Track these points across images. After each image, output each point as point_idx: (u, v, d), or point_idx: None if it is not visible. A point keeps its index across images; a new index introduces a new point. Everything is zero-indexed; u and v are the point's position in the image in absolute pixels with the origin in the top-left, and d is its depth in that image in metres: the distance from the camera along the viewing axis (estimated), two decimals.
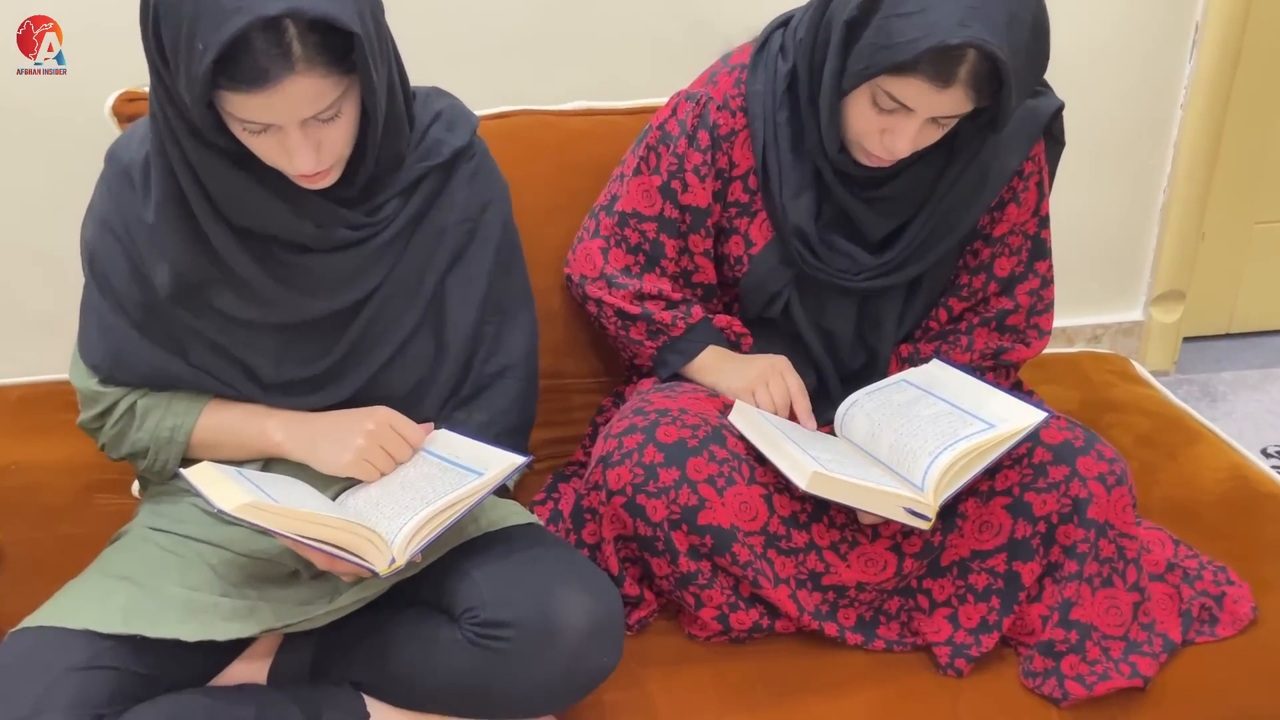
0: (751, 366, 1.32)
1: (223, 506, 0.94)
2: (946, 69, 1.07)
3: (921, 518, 1.12)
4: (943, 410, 1.18)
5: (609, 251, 1.36)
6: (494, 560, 1.08)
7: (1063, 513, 1.17)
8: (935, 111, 1.12)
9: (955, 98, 1.09)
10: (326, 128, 1.01)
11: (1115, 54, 1.96)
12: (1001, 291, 1.34)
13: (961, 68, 1.07)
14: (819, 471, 1.09)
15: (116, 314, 1.14)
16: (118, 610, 1.03)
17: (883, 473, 1.17)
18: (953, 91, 1.08)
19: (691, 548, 1.18)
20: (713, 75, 1.33)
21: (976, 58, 1.06)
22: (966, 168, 1.25)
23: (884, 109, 1.13)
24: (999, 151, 1.26)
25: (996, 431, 1.12)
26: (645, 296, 1.35)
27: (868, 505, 1.12)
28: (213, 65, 0.92)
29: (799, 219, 1.27)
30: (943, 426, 1.15)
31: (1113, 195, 2.10)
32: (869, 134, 1.17)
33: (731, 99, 1.29)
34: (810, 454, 1.14)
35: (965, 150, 1.24)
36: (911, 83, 1.09)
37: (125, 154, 1.13)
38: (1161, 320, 2.22)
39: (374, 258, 1.15)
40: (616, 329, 1.38)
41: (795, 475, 1.11)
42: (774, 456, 1.16)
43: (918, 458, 1.13)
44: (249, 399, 1.18)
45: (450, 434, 1.17)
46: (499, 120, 1.56)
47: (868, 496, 1.11)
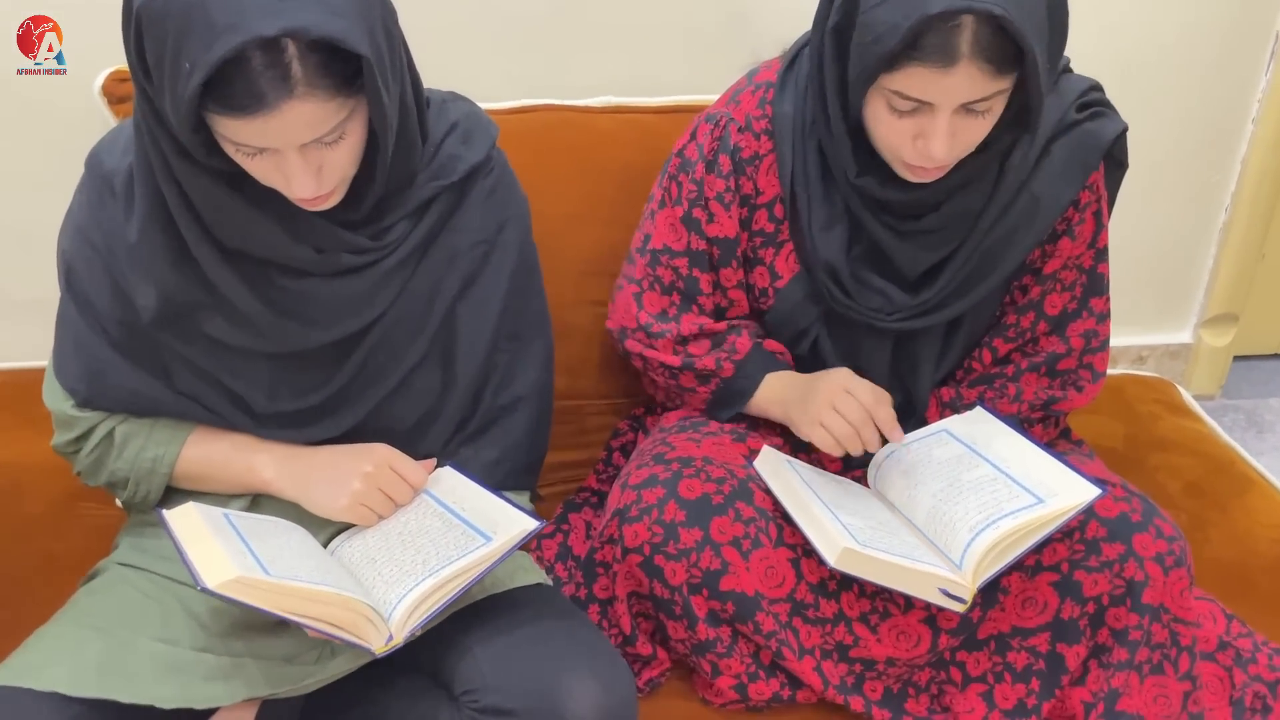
0: (814, 392, 1.17)
1: (206, 583, 0.86)
2: (944, 45, 0.95)
3: (957, 600, 1.03)
4: (987, 475, 1.09)
5: (643, 296, 1.25)
6: (498, 635, 1.00)
7: (1115, 595, 1.08)
8: (956, 98, 0.98)
9: (970, 76, 0.96)
10: (329, 150, 0.92)
11: (1184, 61, 1.82)
12: (1052, 331, 1.23)
13: (960, 39, 0.94)
14: (851, 548, 1.00)
15: (95, 333, 1.06)
16: (90, 668, 0.95)
17: (917, 542, 1.08)
18: (963, 68, 0.95)
19: (711, 613, 1.09)
20: (735, 94, 1.21)
21: (975, 23, 0.94)
22: (1015, 198, 1.14)
23: (903, 111, 1.01)
24: (1052, 180, 1.14)
25: (1045, 509, 1.03)
26: (686, 339, 1.24)
27: (900, 585, 1.03)
28: (201, 87, 0.82)
29: (829, 253, 1.17)
30: (986, 497, 1.06)
31: (1170, 211, 1.98)
32: (901, 144, 1.04)
33: (755, 120, 1.18)
34: (841, 520, 1.05)
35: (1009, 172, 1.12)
36: (914, 72, 0.97)
37: (108, 160, 1.03)
38: (1211, 344, 2.11)
39: (379, 284, 1.06)
40: (665, 381, 1.27)
41: (824, 548, 1.02)
42: (802, 522, 1.07)
43: (957, 530, 1.04)
44: (238, 429, 1.09)
45: (455, 474, 1.09)
46: (518, 115, 1.45)
47: (901, 576, 1.02)
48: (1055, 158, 1.14)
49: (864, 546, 1.01)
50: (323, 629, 0.91)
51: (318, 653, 1.02)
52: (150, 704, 0.93)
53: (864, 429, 1.13)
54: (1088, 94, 1.16)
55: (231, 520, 1.01)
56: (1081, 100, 1.15)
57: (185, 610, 1.03)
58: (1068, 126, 1.14)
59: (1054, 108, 1.13)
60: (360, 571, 1.01)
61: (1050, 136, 1.14)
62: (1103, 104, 1.17)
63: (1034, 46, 0.95)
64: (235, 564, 0.89)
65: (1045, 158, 1.14)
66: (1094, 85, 1.18)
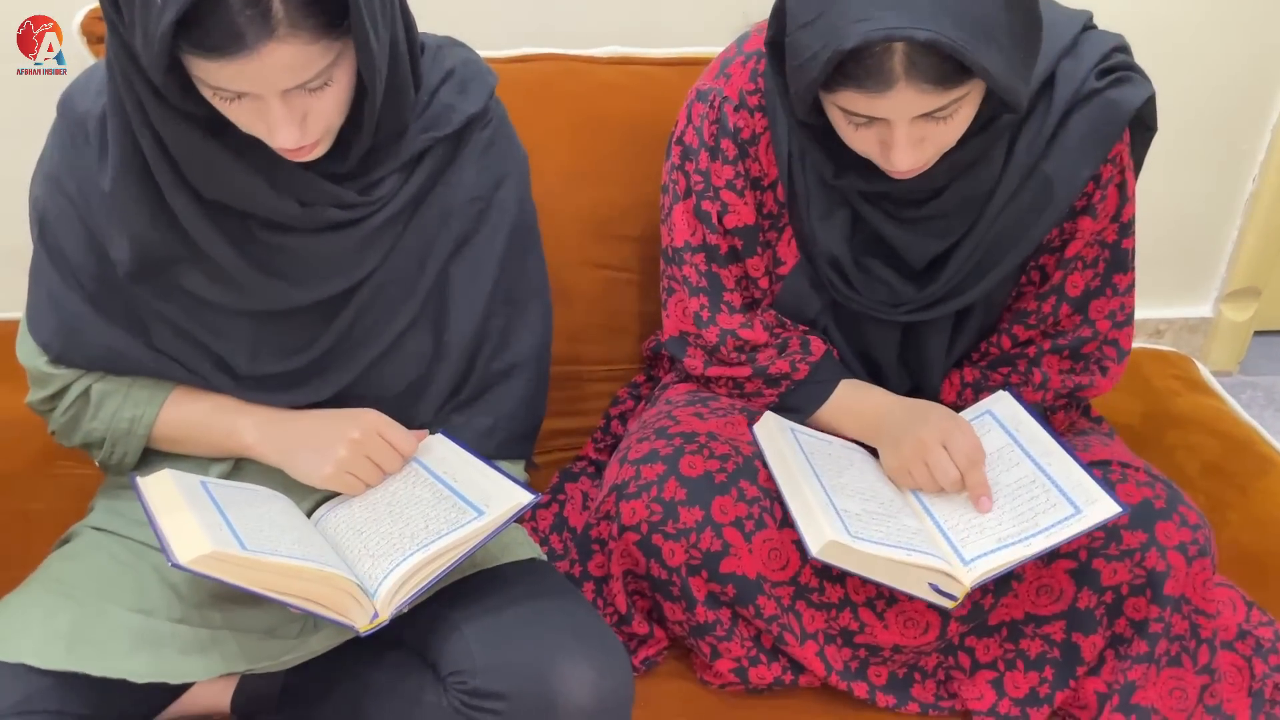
0: (909, 435, 1.07)
1: (178, 558, 0.81)
2: (876, 70, 0.87)
3: (947, 596, 0.98)
4: (1026, 475, 1.03)
5: (683, 301, 1.17)
6: (488, 614, 0.95)
7: (1135, 584, 1.03)
8: (905, 114, 0.90)
9: (912, 96, 0.88)
10: (314, 97, 0.86)
11: (1216, 22, 1.74)
12: (1074, 311, 1.14)
13: (892, 63, 0.86)
14: (836, 540, 0.94)
15: (69, 286, 1.00)
16: (60, 638, 0.91)
17: (919, 527, 1.03)
18: (901, 91, 0.87)
19: (711, 595, 1.05)
20: (725, 65, 1.12)
21: (906, 47, 0.86)
22: (1027, 178, 1.04)
23: (859, 124, 0.94)
24: (1068, 157, 1.04)
25: (1077, 521, 0.98)
26: (747, 345, 1.16)
27: (888, 579, 0.98)
28: (175, 25, 0.76)
29: (830, 243, 1.09)
30: (1022, 505, 1.01)
31: (1195, 179, 1.90)
32: (868, 150, 0.97)
33: (749, 95, 1.09)
34: (835, 505, 1.00)
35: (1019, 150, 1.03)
36: (847, 96, 0.90)
37: (81, 102, 0.97)
38: (1232, 318, 2.05)
39: (368, 241, 1.00)
40: (729, 394, 1.20)
41: (810, 536, 0.97)
42: (791, 503, 1.01)
43: (984, 533, 1.00)
44: (220, 391, 1.04)
45: (447, 442, 1.04)
46: (517, 64, 1.39)
47: (889, 570, 0.97)
48: (1072, 131, 1.03)
49: (854, 539, 0.95)
50: (304, 606, 0.86)
51: (299, 626, 0.98)
52: (122, 678, 0.89)
53: (951, 489, 1.06)
54: (1111, 56, 1.04)
55: (209, 489, 0.96)
56: (1104, 65, 1.04)
57: (161, 579, 0.99)
58: (1087, 95, 1.03)
59: (1071, 73, 1.03)
60: (345, 543, 0.96)
61: (1067, 107, 1.03)
62: (1128, 67, 1.05)
63: (982, 59, 0.85)
64: (209, 538, 0.84)
65: (1062, 131, 1.04)
66: (1119, 45, 1.06)
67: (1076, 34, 1.04)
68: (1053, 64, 1.02)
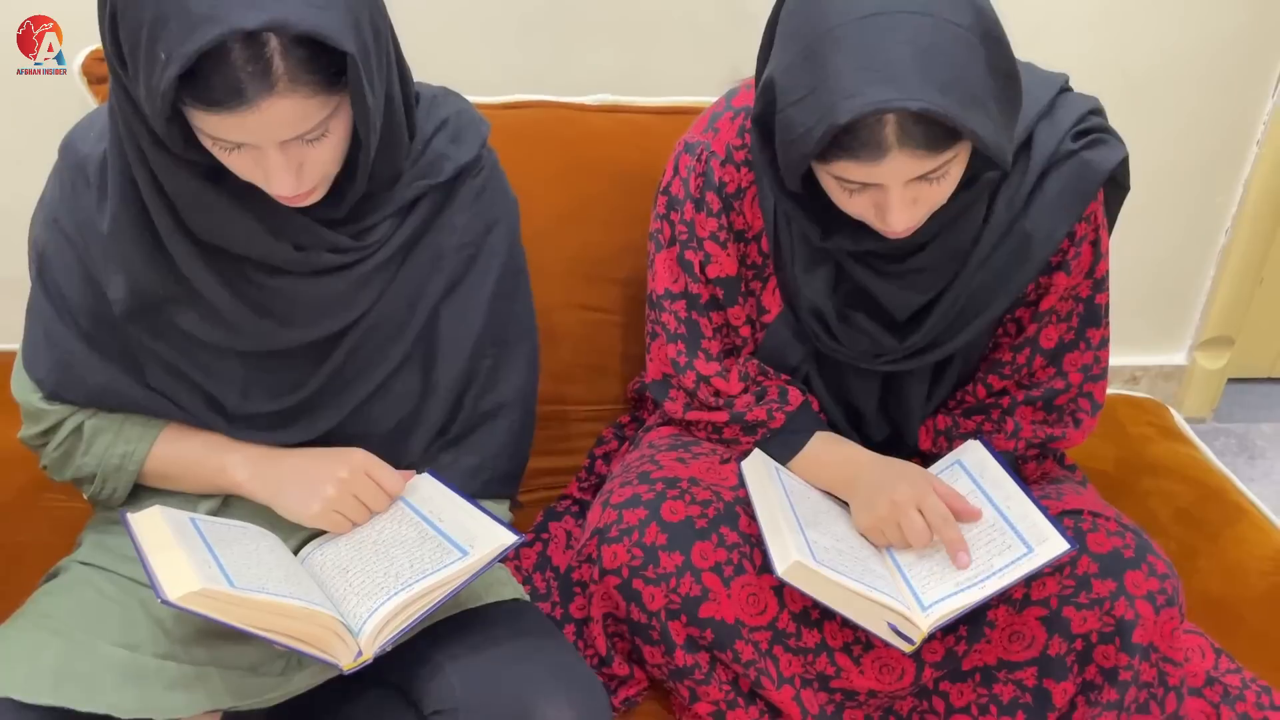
0: (882, 494, 1.09)
1: (167, 594, 0.82)
2: (869, 140, 0.89)
3: (904, 639, 1.01)
4: (987, 519, 1.06)
5: (664, 346, 1.20)
6: (471, 653, 0.97)
7: (1104, 632, 1.05)
8: (898, 179, 0.93)
9: (905, 162, 0.90)
10: (311, 147, 0.88)
11: (1191, 78, 1.79)
12: (1048, 364, 1.17)
13: (884, 133, 0.89)
14: (800, 561, 0.97)
15: (65, 324, 1.02)
16: (47, 672, 0.91)
17: (884, 573, 1.05)
18: (894, 157, 0.90)
19: (690, 639, 1.06)
20: (713, 119, 1.15)
21: (897, 118, 0.88)
22: (1006, 234, 1.08)
23: (852, 190, 0.97)
24: (1045, 214, 1.07)
25: (1028, 561, 1.01)
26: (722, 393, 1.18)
27: (848, 610, 1.01)
28: (177, 79, 0.78)
29: (814, 296, 1.12)
30: (980, 549, 1.04)
31: (1170, 230, 1.95)
32: (863, 214, 0.99)
33: (735, 150, 1.12)
34: (806, 536, 1.02)
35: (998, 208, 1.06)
36: (842, 165, 0.93)
37: (82, 146, 0.99)
38: (1205, 366, 2.08)
39: (360, 284, 1.02)
40: (708, 437, 1.22)
41: (777, 555, 0.99)
42: (766, 530, 1.03)
43: (942, 579, 1.02)
44: (211, 429, 1.05)
45: (434, 482, 1.06)
46: (510, 111, 1.42)
47: (849, 601, 1.00)
48: (1049, 190, 1.07)
49: (819, 565, 0.98)
50: (289, 644, 0.88)
51: (283, 663, 0.99)
52: (108, 713, 0.90)
53: (921, 548, 1.07)
54: (1087, 118, 1.08)
55: (198, 526, 0.98)
56: (1079, 127, 1.08)
57: (148, 614, 1.00)
58: (1063, 156, 1.07)
59: (1048, 136, 1.07)
60: (331, 582, 0.97)
61: (1044, 168, 1.07)
62: (1102, 129, 1.09)
63: (970, 122, 0.88)
64: (199, 575, 0.85)
65: (1039, 191, 1.07)
66: (1094, 108, 1.10)
67: (1053, 97, 1.08)
68: (1030, 126, 1.06)
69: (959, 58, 0.87)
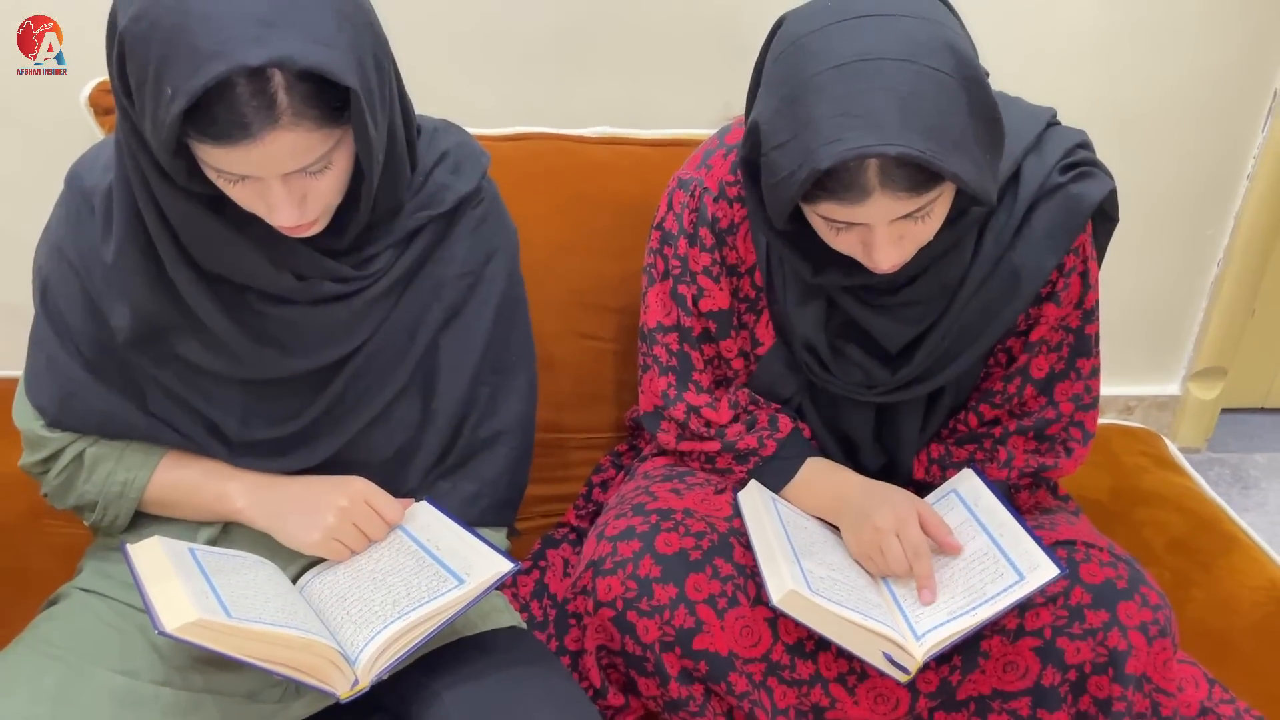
0: (868, 520, 1.10)
1: (164, 626, 0.83)
2: (851, 183, 0.91)
3: (900, 669, 1.01)
4: (981, 548, 1.07)
5: (655, 379, 1.21)
6: (467, 681, 0.97)
7: (1097, 663, 1.05)
8: (883, 218, 0.94)
9: (888, 203, 0.92)
10: (313, 179, 0.89)
11: (1182, 113, 1.81)
12: (1039, 393, 1.18)
13: (866, 176, 0.90)
14: (796, 591, 0.97)
15: (68, 352, 1.03)
16: (46, 699, 0.92)
17: (880, 602, 1.06)
18: (877, 199, 0.91)
19: (684, 671, 1.07)
20: (706, 156, 1.17)
21: (878, 162, 0.89)
22: (995, 268, 1.09)
23: (839, 229, 0.98)
24: (1033, 247, 1.09)
25: (1020, 588, 1.02)
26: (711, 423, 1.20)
27: (843, 640, 1.01)
28: (183, 113, 0.80)
29: (806, 329, 1.13)
30: (974, 578, 1.04)
31: (1162, 263, 1.97)
32: (851, 251, 1.01)
33: (728, 187, 1.14)
34: (802, 566, 1.03)
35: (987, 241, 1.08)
36: (827, 207, 0.94)
37: (88, 177, 1.01)
38: (1199, 397, 2.10)
39: (361, 313, 1.03)
40: (701, 467, 1.23)
41: (772, 586, 1.00)
42: (761, 558, 1.04)
43: (936, 608, 1.03)
44: (211, 456, 1.06)
45: (431, 510, 1.06)
46: (511, 142, 1.43)
47: (844, 630, 1.00)
48: (1037, 224, 1.08)
49: (814, 594, 0.99)
50: (286, 673, 0.88)
51: (280, 691, 1.00)
52: None
53: (903, 576, 1.09)
54: (1074, 152, 1.09)
55: (196, 556, 0.98)
56: (1066, 160, 1.09)
57: (146, 641, 1.00)
58: (1051, 190, 1.08)
59: (1036, 169, 1.08)
60: (328, 610, 0.98)
61: (1032, 201, 1.08)
62: (1090, 162, 1.11)
63: (951, 165, 0.89)
64: (196, 606, 0.86)
65: (1026, 224, 1.08)
66: (1081, 142, 1.11)
67: (1040, 131, 1.10)
68: (1018, 160, 1.07)
69: (940, 103, 0.89)
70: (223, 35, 0.78)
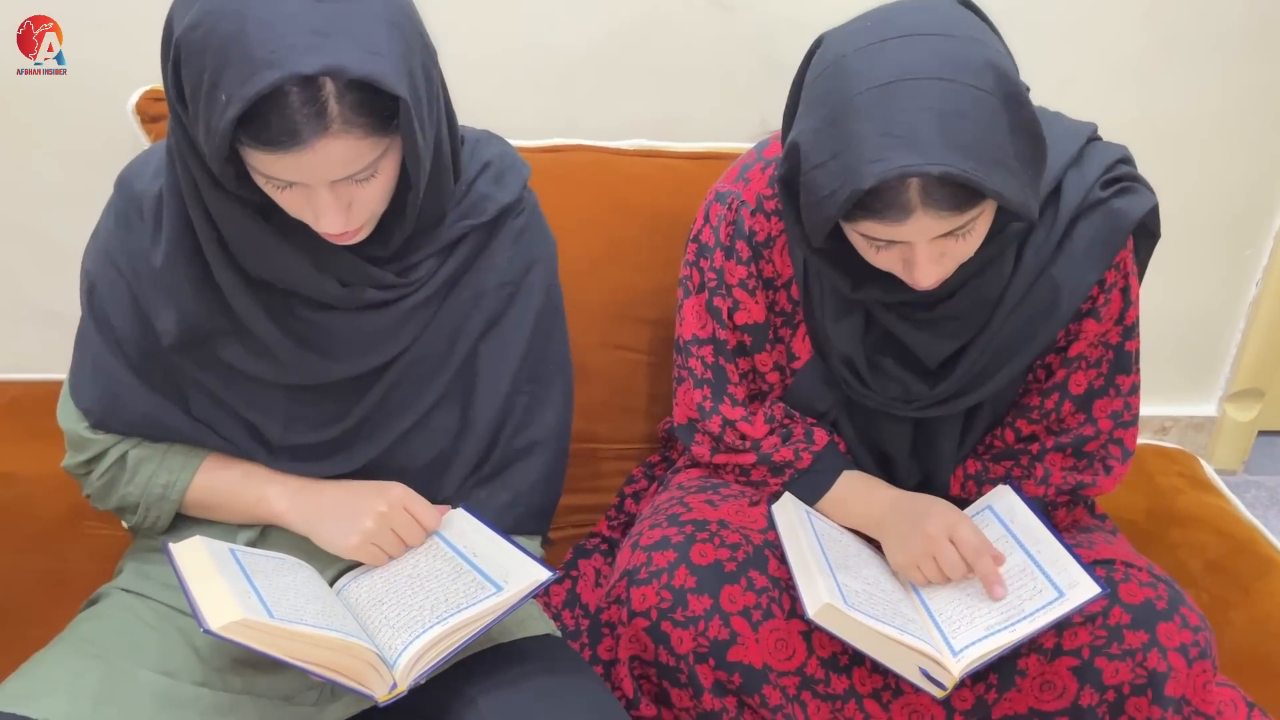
0: (916, 530, 1.09)
1: (209, 624, 0.84)
2: (893, 203, 0.91)
3: (936, 684, 1.00)
4: (1018, 564, 1.06)
5: (690, 391, 1.21)
6: (502, 688, 0.97)
7: (1136, 684, 1.04)
8: (924, 236, 0.94)
9: (929, 222, 0.92)
10: (360, 187, 0.91)
11: (1222, 132, 1.80)
12: (1078, 409, 1.18)
13: (908, 195, 0.90)
14: (831, 604, 0.97)
15: (113, 354, 1.04)
16: (87, 698, 0.93)
17: (915, 617, 1.06)
18: (918, 218, 0.92)
19: (717, 683, 1.06)
20: (744, 170, 1.17)
21: (920, 181, 0.90)
22: (1035, 283, 1.09)
23: (879, 246, 0.98)
24: (1074, 263, 1.08)
25: (1060, 605, 1.01)
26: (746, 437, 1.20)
27: (879, 654, 1.01)
28: (236, 120, 0.81)
29: (844, 345, 1.13)
30: (1012, 594, 1.04)
31: (1200, 282, 1.95)
32: (891, 267, 1.01)
33: (766, 200, 1.14)
34: (838, 579, 1.02)
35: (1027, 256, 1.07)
36: (867, 225, 0.94)
37: (138, 183, 1.02)
38: (1236, 418, 2.07)
39: (402, 320, 1.04)
40: (736, 479, 1.24)
41: (808, 600, 1.00)
42: (797, 572, 1.04)
43: (973, 623, 1.02)
44: (252, 460, 1.07)
45: (468, 517, 1.07)
46: (549, 154, 1.45)
47: (880, 644, 1.00)
48: (1078, 239, 1.08)
49: (850, 608, 0.98)
50: (325, 674, 0.89)
51: (317, 693, 1.00)
52: None
53: (958, 580, 1.08)
54: (1115, 167, 1.09)
55: (238, 557, 0.99)
56: (1108, 175, 1.09)
57: (185, 641, 1.01)
58: (1092, 204, 1.08)
59: (1077, 184, 1.08)
60: (366, 614, 0.98)
61: (1073, 216, 1.08)
62: (1132, 178, 1.10)
63: (992, 183, 0.89)
64: (240, 605, 0.87)
65: (1068, 239, 1.08)
66: (1123, 157, 1.11)
67: (1081, 146, 1.09)
68: (1059, 175, 1.07)
69: (981, 120, 0.89)
70: (278, 44, 0.79)
